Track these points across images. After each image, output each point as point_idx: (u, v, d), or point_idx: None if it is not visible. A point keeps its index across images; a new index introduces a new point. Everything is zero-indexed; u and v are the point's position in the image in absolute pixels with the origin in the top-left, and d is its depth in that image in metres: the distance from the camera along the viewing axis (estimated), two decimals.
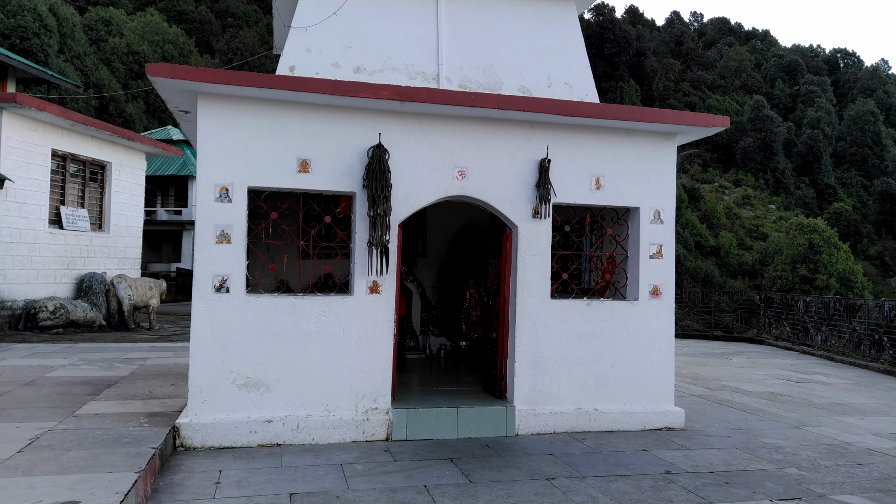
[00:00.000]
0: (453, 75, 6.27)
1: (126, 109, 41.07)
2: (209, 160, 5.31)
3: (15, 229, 11.47)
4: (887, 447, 5.84)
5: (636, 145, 6.24)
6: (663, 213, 6.32)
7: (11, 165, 11.30)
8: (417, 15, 6.37)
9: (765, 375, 10.19)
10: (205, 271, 5.25)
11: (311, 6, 6.15)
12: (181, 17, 57.70)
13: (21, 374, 7.41)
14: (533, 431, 5.83)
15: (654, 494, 4.33)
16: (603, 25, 72.01)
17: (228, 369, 5.24)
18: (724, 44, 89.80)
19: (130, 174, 14.58)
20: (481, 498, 4.16)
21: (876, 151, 68.53)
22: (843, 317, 13.51)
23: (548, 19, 6.70)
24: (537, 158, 5.97)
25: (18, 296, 11.60)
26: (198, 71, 5.12)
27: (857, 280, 34.43)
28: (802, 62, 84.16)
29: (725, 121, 6.29)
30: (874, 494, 4.49)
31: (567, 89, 6.51)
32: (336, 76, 5.92)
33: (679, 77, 77.90)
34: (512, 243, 6.01)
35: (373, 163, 5.52)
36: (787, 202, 63.61)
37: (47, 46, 36.76)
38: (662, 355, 6.24)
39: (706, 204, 56.81)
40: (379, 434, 5.48)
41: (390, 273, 5.61)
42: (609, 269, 6.67)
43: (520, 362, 5.89)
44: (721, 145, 68.70)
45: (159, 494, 4.05)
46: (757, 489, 4.50)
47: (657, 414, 6.16)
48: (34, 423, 5.11)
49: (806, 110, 73.39)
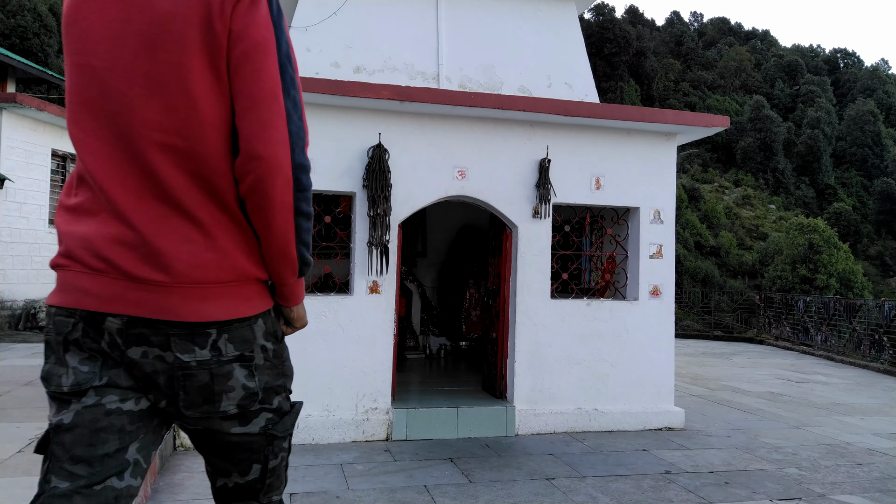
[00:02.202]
0: (453, 75, 6.27)
1: None
2: None
3: (15, 229, 11.47)
4: (887, 447, 5.84)
5: (636, 145, 6.24)
6: (663, 213, 6.32)
7: (11, 165, 11.30)
8: (417, 15, 6.38)
9: (765, 375, 10.19)
10: None
11: (311, 6, 6.15)
12: None
13: (21, 374, 7.41)
14: (533, 431, 5.83)
15: (654, 494, 4.33)
16: (603, 25, 72.01)
17: None
18: (724, 44, 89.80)
19: None
20: (481, 498, 4.16)
21: (876, 151, 68.53)
22: (843, 317, 13.52)
23: (548, 19, 6.71)
24: (537, 158, 5.97)
25: (18, 296, 11.61)
26: None
27: (857, 280, 34.41)
28: (802, 62, 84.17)
29: (725, 121, 6.29)
30: (874, 494, 4.49)
31: (567, 89, 6.51)
32: (336, 76, 5.92)
33: (679, 77, 77.91)
34: (512, 243, 6.01)
35: (373, 163, 5.52)
36: (787, 202, 63.63)
37: (47, 46, 36.77)
38: (662, 355, 6.24)
39: (706, 204, 56.81)
40: (379, 434, 5.48)
41: (390, 273, 5.61)
42: (609, 269, 6.67)
43: (520, 362, 5.89)
44: (721, 145, 68.71)
45: (159, 494, 4.05)
46: (757, 489, 4.50)
47: (657, 414, 6.16)
48: (34, 423, 5.11)
49: (806, 110, 73.40)
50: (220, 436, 1.51)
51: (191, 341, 1.41)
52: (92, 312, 1.40)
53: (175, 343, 1.40)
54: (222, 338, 1.44)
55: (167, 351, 1.40)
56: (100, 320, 1.39)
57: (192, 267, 1.40)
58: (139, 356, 1.41)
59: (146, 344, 1.40)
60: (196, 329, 1.41)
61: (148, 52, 1.38)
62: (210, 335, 1.43)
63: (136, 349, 1.40)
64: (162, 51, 1.37)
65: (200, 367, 1.42)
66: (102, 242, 1.39)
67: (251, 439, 1.52)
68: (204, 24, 1.37)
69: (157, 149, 1.39)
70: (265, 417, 1.52)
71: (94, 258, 1.39)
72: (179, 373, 1.42)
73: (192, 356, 1.41)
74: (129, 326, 1.39)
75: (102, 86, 1.41)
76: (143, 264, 1.38)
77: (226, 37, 1.38)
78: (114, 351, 1.41)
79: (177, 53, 1.37)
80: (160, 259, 1.38)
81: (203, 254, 1.41)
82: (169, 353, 1.40)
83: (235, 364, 1.46)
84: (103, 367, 1.42)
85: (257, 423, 1.52)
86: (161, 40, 1.37)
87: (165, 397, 1.45)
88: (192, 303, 1.40)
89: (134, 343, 1.40)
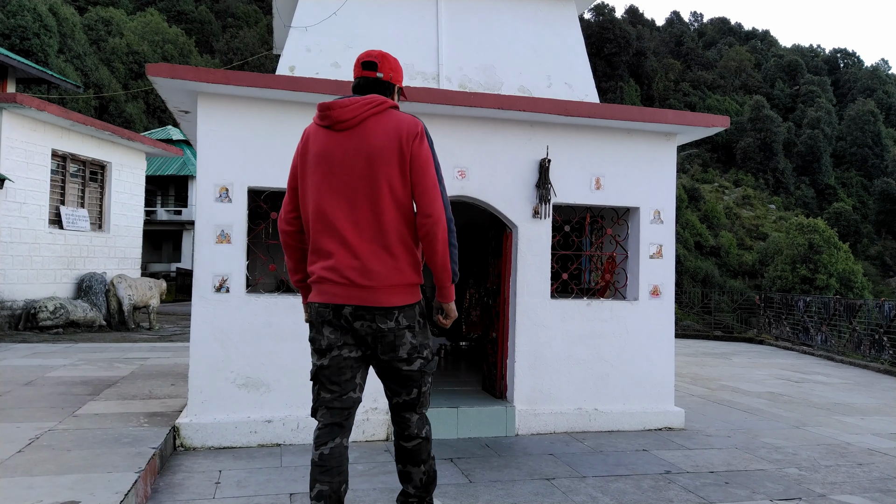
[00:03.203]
0: (453, 75, 6.27)
1: (126, 109, 41.08)
2: (209, 160, 5.31)
3: (15, 229, 11.48)
4: (887, 447, 5.84)
5: (636, 145, 6.24)
6: (663, 213, 6.32)
7: (11, 165, 11.31)
8: (417, 15, 6.38)
9: (765, 375, 10.19)
10: (205, 271, 5.25)
11: (311, 6, 6.15)
12: (181, 17, 57.71)
13: (21, 374, 7.41)
14: (533, 431, 5.83)
15: (654, 494, 4.33)
16: (603, 25, 72.00)
17: (228, 369, 5.24)
18: (724, 44, 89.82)
19: (130, 174, 14.59)
20: (481, 498, 4.16)
21: (876, 151, 68.53)
22: (843, 317, 13.52)
23: (548, 19, 6.70)
24: (537, 158, 5.97)
25: (18, 296, 11.61)
26: (198, 71, 5.11)
27: (857, 280, 34.45)
28: (802, 62, 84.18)
29: (725, 121, 6.29)
30: (874, 494, 4.49)
31: (567, 89, 6.51)
32: (336, 76, 5.92)
33: (679, 77, 77.91)
34: (512, 243, 6.01)
35: None
36: (787, 202, 63.64)
37: (47, 46, 36.75)
38: (662, 355, 6.24)
39: (706, 204, 56.82)
40: (379, 434, 5.48)
41: None
42: (609, 269, 6.67)
43: (520, 362, 5.89)
44: (721, 145, 68.71)
45: (159, 494, 4.05)
46: (757, 489, 4.50)
47: (657, 414, 6.16)
48: (34, 423, 5.11)
49: (806, 110, 73.39)
50: (396, 371, 2.92)
51: (385, 317, 2.82)
52: (337, 305, 2.83)
53: (378, 318, 2.82)
54: (400, 315, 2.85)
55: (373, 323, 2.82)
56: (340, 309, 2.83)
57: (386, 277, 2.81)
58: (359, 327, 2.83)
59: (363, 320, 2.82)
60: (388, 311, 2.83)
61: (368, 165, 2.80)
62: (395, 314, 2.84)
63: (357, 322, 2.83)
64: (377, 164, 2.80)
65: (389, 331, 2.84)
66: (344, 268, 2.80)
67: (413, 374, 2.92)
68: (398, 150, 2.81)
69: (374, 216, 2.80)
70: (419, 361, 2.93)
71: (340, 276, 2.81)
72: (379, 335, 2.84)
73: (386, 325, 2.82)
74: (355, 311, 2.82)
75: (343, 182, 2.81)
76: (362, 277, 2.80)
77: (409, 156, 2.82)
78: (346, 325, 2.84)
79: (384, 165, 2.80)
80: (370, 274, 2.80)
81: (392, 270, 2.82)
82: (374, 324, 2.82)
83: (406, 330, 2.87)
84: (342, 335, 2.86)
85: (416, 365, 2.92)
86: (376, 159, 2.80)
87: (370, 349, 2.89)
88: (386, 296, 2.82)
89: (357, 319, 2.82)
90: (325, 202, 2.81)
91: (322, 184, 2.83)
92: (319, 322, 2.86)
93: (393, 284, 2.81)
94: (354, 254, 2.78)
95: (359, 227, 2.79)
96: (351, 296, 2.78)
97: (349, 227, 2.79)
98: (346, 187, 2.80)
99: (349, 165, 2.80)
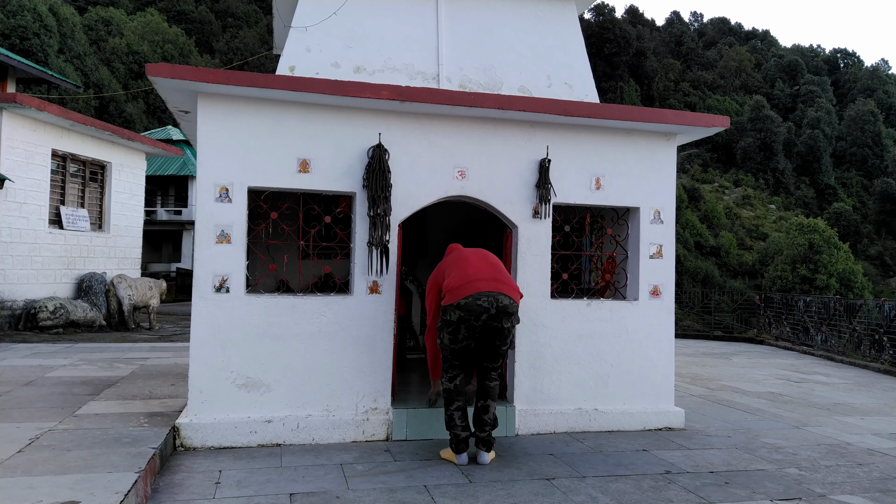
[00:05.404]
0: (453, 75, 6.27)
1: (126, 109, 41.08)
2: (209, 160, 5.31)
3: (15, 229, 11.48)
4: (887, 447, 5.84)
5: (636, 145, 6.24)
6: (663, 213, 6.32)
7: (11, 165, 11.31)
8: (417, 15, 6.38)
9: (765, 375, 10.19)
10: (205, 271, 5.25)
11: (311, 6, 6.15)
12: (181, 17, 57.73)
13: (21, 374, 7.41)
14: (533, 431, 5.83)
15: (654, 494, 4.33)
16: (603, 25, 71.98)
17: (228, 369, 5.24)
18: (724, 44, 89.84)
19: (130, 174, 14.59)
20: (481, 498, 4.16)
21: (876, 151, 68.54)
22: (843, 317, 13.51)
23: (548, 19, 6.70)
24: (537, 158, 5.97)
25: (18, 296, 11.61)
26: (198, 71, 5.11)
27: (857, 280, 34.45)
28: (802, 62, 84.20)
29: (725, 121, 6.29)
30: (874, 494, 4.50)
31: (567, 89, 6.51)
32: (336, 76, 5.92)
33: (679, 77, 77.91)
34: (512, 243, 6.01)
35: (373, 163, 5.52)
36: (787, 202, 63.64)
37: (47, 46, 36.77)
38: (662, 355, 6.24)
39: (706, 204, 56.81)
40: (379, 434, 5.48)
41: (390, 273, 5.61)
42: (609, 269, 6.67)
43: (520, 362, 5.89)
44: (721, 145, 68.70)
45: (159, 494, 4.05)
46: (757, 489, 4.50)
47: (657, 414, 6.16)
48: (34, 423, 5.11)
49: (806, 110, 73.41)
50: (498, 350, 4.93)
51: (508, 319, 4.83)
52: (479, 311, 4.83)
53: (504, 319, 4.80)
54: (513, 318, 4.88)
55: (499, 323, 4.80)
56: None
57: (515, 291, 4.99)
58: (490, 324, 4.81)
59: (494, 320, 4.80)
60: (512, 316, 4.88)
61: (494, 268, 5.01)
62: (512, 317, 4.87)
63: (487, 322, 4.80)
64: (500, 267, 5.09)
65: (508, 329, 4.87)
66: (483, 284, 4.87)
67: (504, 351, 4.98)
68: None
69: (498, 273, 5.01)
70: (509, 341, 4.92)
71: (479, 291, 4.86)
72: (501, 331, 4.85)
73: (507, 325, 4.84)
74: (489, 315, 4.81)
75: (478, 270, 4.95)
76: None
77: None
78: (479, 324, 4.78)
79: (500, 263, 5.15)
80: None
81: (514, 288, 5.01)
82: (499, 324, 4.80)
83: (512, 328, 4.94)
84: (472, 331, 4.84)
85: (507, 344, 4.92)
86: (497, 262, 5.11)
87: (491, 339, 4.89)
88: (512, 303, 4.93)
89: (488, 320, 4.78)
90: (471, 272, 4.99)
91: (461, 267, 5.07)
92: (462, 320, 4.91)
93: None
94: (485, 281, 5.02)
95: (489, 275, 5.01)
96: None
97: (485, 279, 4.99)
98: (481, 268, 5.06)
99: (482, 265, 5.09)
